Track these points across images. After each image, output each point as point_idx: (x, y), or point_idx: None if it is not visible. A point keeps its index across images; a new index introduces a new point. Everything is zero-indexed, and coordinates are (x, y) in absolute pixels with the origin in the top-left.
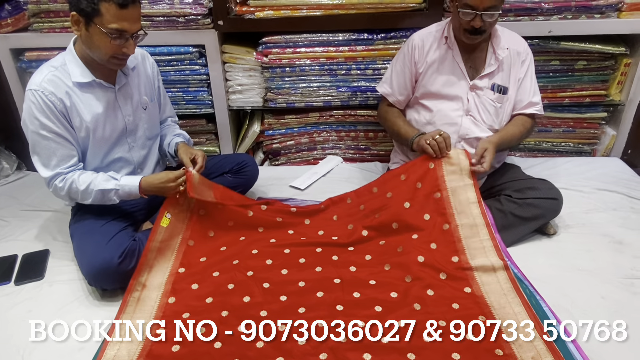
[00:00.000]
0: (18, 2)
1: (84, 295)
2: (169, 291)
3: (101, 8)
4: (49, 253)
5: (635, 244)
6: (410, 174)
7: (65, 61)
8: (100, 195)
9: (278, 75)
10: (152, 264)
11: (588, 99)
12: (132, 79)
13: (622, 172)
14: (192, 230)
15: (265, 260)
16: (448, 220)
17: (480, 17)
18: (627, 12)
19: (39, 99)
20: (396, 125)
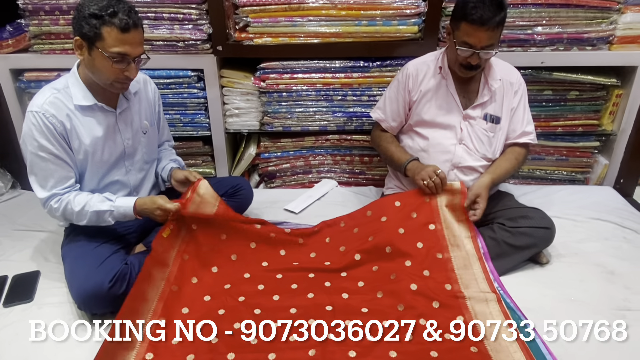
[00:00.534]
0: (20, 24)
1: (73, 315)
2: (159, 313)
3: (103, 32)
4: (39, 274)
5: (627, 275)
6: (406, 204)
7: (68, 84)
8: (95, 217)
9: (275, 100)
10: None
11: (580, 128)
12: (133, 103)
13: (614, 201)
14: (187, 244)
15: (257, 286)
16: (441, 251)
17: (477, 55)
18: (618, 44)
19: (39, 121)
20: (389, 151)
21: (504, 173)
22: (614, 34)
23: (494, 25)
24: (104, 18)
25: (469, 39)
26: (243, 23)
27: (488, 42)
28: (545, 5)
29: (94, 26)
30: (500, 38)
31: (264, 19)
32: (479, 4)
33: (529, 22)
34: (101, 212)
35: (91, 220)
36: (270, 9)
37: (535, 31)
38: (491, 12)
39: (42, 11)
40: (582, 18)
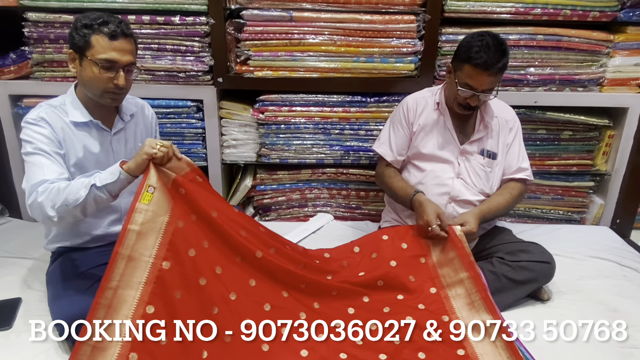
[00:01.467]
0: (23, 51)
1: (53, 347)
2: (145, 301)
3: (92, 40)
4: (20, 301)
5: (629, 312)
6: (394, 237)
7: (64, 102)
8: (79, 184)
9: (273, 132)
10: (130, 254)
11: (575, 167)
12: (129, 125)
13: (612, 241)
14: (179, 209)
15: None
16: (435, 285)
17: (477, 97)
18: (608, 86)
19: (35, 123)
20: (394, 185)
21: (496, 206)
22: (604, 76)
23: (496, 70)
24: (94, 27)
25: (471, 82)
26: (244, 56)
27: (489, 85)
28: (537, 48)
29: (84, 35)
30: (500, 82)
31: (265, 53)
32: (483, 49)
33: (522, 63)
34: (88, 179)
35: (78, 191)
36: (272, 44)
37: (528, 72)
38: (495, 58)
39: (46, 39)
40: (573, 60)
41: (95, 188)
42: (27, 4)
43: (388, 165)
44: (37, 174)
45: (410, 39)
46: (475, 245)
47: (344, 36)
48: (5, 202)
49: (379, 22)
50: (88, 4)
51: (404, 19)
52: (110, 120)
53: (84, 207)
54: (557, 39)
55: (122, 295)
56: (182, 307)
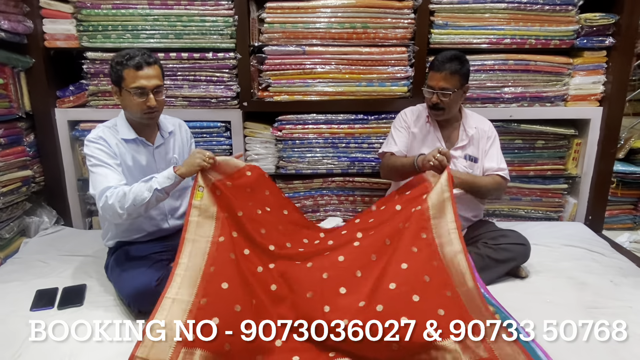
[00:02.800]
0: (81, 84)
1: (120, 315)
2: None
3: (124, 74)
4: (86, 287)
5: (595, 285)
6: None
7: (116, 123)
8: (142, 187)
9: (289, 147)
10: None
11: (549, 172)
12: (168, 140)
13: (584, 234)
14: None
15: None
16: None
17: (436, 95)
18: (572, 101)
19: (95, 142)
20: (398, 162)
21: (479, 180)
22: (567, 93)
23: (448, 72)
24: (123, 63)
25: (430, 82)
26: (265, 84)
27: (444, 84)
28: (510, 71)
29: (117, 71)
30: (459, 87)
31: (282, 81)
32: (438, 58)
33: (497, 84)
34: (146, 180)
35: (140, 192)
36: (288, 73)
37: (503, 91)
38: (444, 63)
39: (101, 74)
40: (540, 80)
41: (157, 191)
42: (86, 45)
43: (391, 155)
44: (102, 182)
45: (402, 66)
46: (464, 235)
47: (348, 65)
48: (60, 213)
49: (376, 53)
50: (138, 44)
51: (397, 50)
52: (152, 137)
53: (147, 205)
54: (526, 63)
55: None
56: (234, 265)
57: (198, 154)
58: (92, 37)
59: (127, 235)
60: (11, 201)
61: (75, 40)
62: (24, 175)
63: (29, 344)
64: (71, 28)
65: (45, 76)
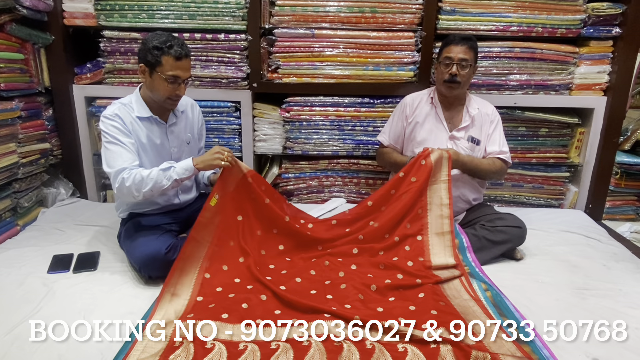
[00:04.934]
0: (98, 61)
1: (131, 280)
2: (205, 267)
3: (162, 60)
4: (99, 254)
5: (588, 268)
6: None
7: (131, 100)
8: (161, 175)
9: (296, 128)
10: (199, 238)
11: (552, 160)
12: (180, 119)
13: (583, 221)
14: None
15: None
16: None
17: (456, 66)
18: (576, 90)
19: (111, 119)
20: (392, 157)
21: (478, 162)
22: (572, 82)
23: (465, 45)
24: (164, 49)
25: (448, 54)
26: (275, 66)
27: (463, 55)
28: (515, 58)
29: (155, 55)
30: (474, 63)
31: (291, 63)
32: (455, 35)
33: (502, 71)
34: (165, 169)
35: (158, 179)
36: (297, 56)
37: (508, 78)
38: (463, 37)
39: (117, 52)
40: (545, 69)
41: (175, 181)
42: (104, 24)
43: (385, 147)
44: (117, 161)
45: (409, 51)
46: (462, 218)
47: (356, 49)
48: (76, 185)
49: (384, 38)
50: (153, 24)
51: (405, 35)
52: (165, 116)
53: (164, 192)
54: (532, 51)
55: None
56: (231, 250)
57: (217, 153)
58: (109, 16)
59: (140, 207)
60: (30, 172)
61: (93, 18)
62: (42, 147)
63: (47, 301)
64: (89, 7)
65: (64, 53)
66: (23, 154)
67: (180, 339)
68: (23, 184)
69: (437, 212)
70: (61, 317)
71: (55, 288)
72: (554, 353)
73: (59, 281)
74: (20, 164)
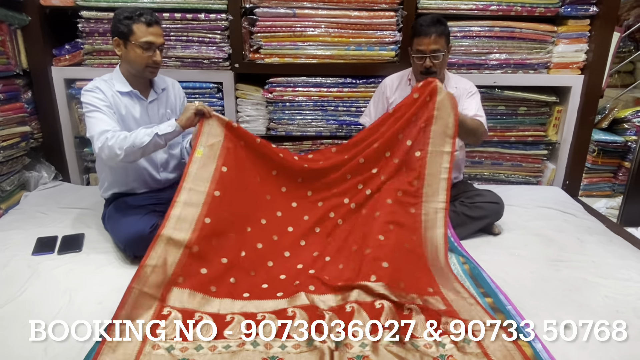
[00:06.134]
0: (76, 42)
1: (116, 260)
2: (204, 213)
3: (134, 28)
4: (84, 235)
5: (562, 241)
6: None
7: (112, 77)
8: (142, 131)
9: (279, 109)
10: (193, 187)
11: (530, 138)
12: (161, 96)
13: (560, 197)
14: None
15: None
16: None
17: (429, 59)
18: (554, 69)
19: (92, 91)
20: None
21: (463, 116)
22: (550, 60)
23: (434, 33)
24: (134, 18)
25: (420, 47)
26: (256, 46)
27: (435, 47)
28: (495, 38)
29: (127, 25)
30: (447, 48)
31: (273, 43)
32: (422, 22)
33: (482, 50)
34: (149, 130)
35: (143, 139)
36: (279, 36)
37: (488, 57)
38: (431, 25)
39: (96, 33)
40: (524, 48)
41: (157, 136)
42: (81, 4)
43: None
44: (99, 125)
45: (391, 31)
46: None
47: (337, 29)
48: (58, 169)
49: (365, 18)
50: (131, 3)
51: (386, 15)
52: (146, 92)
53: (145, 149)
54: (511, 31)
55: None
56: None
57: (192, 105)
58: None
59: (121, 186)
60: (11, 155)
61: None
62: (22, 130)
63: (32, 282)
64: None
65: (41, 34)
66: (3, 137)
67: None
68: (4, 168)
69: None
70: (46, 297)
71: (40, 269)
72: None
73: (44, 262)
74: (0, 147)
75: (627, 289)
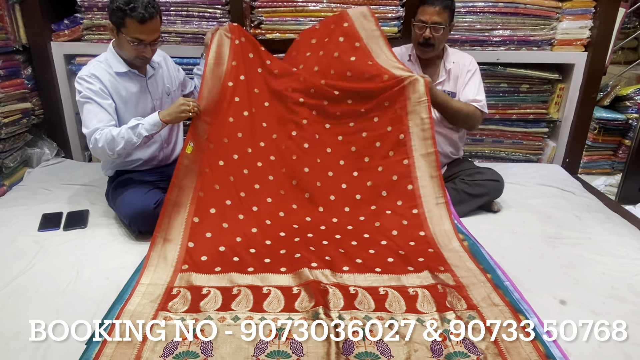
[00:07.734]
0: (75, 17)
1: (122, 236)
2: (193, 211)
3: (126, 22)
4: (89, 212)
5: (561, 218)
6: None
7: (107, 57)
8: (130, 133)
9: None
10: (182, 184)
11: (532, 116)
12: (158, 71)
13: (559, 174)
14: (208, 159)
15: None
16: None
17: (429, 29)
18: (558, 46)
19: (87, 81)
20: None
21: (450, 100)
22: (554, 37)
23: (440, 5)
24: (126, 11)
25: (422, 17)
26: (257, 21)
27: (437, 19)
28: (499, 14)
29: (119, 17)
30: (449, 24)
31: (274, 18)
32: None
33: (485, 27)
34: (134, 127)
35: (128, 137)
36: (280, 10)
37: (492, 34)
38: None
39: (95, 7)
40: (528, 24)
41: (145, 137)
42: None
43: None
44: (92, 121)
45: (394, 6)
46: (444, 172)
47: (339, 4)
48: (60, 145)
49: None
50: None
51: None
52: (143, 69)
53: (139, 148)
54: (515, 6)
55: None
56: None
57: (183, 105)
58: None
59: (125, 164)
60: (13, 132)
61: None
62: (23, 107)
63: (41, 257)
64: None
65: (39, 9)
66: (4, 113)
67: (178, 288)
68: (7, 144)
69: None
70: (55, 272)
71: (47, 245)
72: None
73: (51, 238)
74: (2, 123)
75: (623, 265)
